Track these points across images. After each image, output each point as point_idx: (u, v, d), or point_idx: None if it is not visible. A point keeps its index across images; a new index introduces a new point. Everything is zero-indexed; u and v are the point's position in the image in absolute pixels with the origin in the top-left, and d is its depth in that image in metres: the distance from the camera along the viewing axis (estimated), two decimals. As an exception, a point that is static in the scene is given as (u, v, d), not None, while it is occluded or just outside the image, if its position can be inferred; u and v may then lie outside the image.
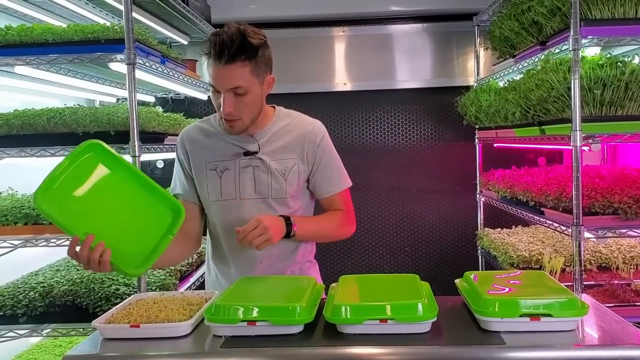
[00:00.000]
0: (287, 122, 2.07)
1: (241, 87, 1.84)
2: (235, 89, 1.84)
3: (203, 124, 2.11)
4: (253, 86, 1.87)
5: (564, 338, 1.44)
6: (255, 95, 1.89)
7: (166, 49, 3.00)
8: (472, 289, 1.63)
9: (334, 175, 2.10)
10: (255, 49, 1.83)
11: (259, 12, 4.36)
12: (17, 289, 2.68)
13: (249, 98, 1.88)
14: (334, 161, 2.10)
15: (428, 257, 4.59)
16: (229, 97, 1.84)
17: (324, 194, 2.10)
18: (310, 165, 2.06)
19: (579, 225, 2.47)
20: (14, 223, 2.60)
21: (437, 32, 4.46)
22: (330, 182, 2.10)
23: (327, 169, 2.08)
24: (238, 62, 1.80)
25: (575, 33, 2.44)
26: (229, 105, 1.85)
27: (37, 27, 2.58)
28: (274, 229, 1.83)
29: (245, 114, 1.90)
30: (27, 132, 2.59)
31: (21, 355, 3.03)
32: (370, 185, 4.52)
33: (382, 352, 1.41)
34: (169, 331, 1.53)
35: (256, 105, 1.94)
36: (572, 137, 2.44)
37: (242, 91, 1.84)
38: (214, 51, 1.79)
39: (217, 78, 1.83)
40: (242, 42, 1.79)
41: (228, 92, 1.84)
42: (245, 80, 1.84)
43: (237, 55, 1.79)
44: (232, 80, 1.82)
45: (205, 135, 2.07)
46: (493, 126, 3.62)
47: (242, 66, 1.81)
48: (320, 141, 2.06)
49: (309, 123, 2.09)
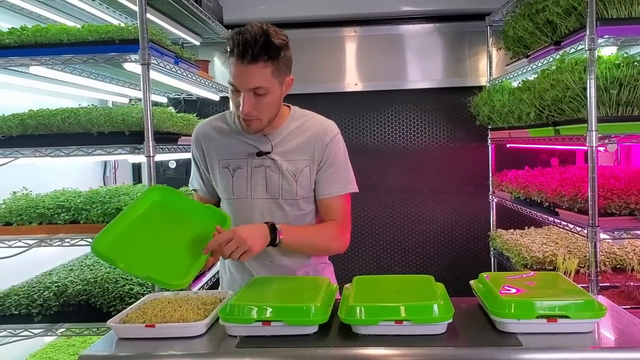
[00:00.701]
0: (300, 122, 2.05)
1: (262, 87, 1.82)
2: (256, 89, 1.82)
3: (217, 121, 2.10)
4: (273, 87, 1.86)
5: (581, 340, 1.43)
6: (274, 96, 1.89)
7: (179, 50, 3.01)
8: (487, 290, 1.62)
9: (335, 178, 2.03)
10: (278, 50, 1.82)
11: (271, 12, 4.36)
12: (31, 289, 2.70)
13: (269, 99, 1.86)
14: (339, 163, 2.04)
15: (440, 258, 4.57)
16: (248, 97, 1.83)
17: (320, 195, 2.03)
18: (318, 165, 2.02)
19: (595, 226, 2.45)
20: (29, 223, 2.62)
21: (449, 32, 4.44)
22: (329, 184, 2.03)
23: (329, 170, 2.02)
24: (260, 63, 1.79)
25: (591, 32, 2.41)
26: (248, 105, 1.83)
27: (52, 28, 2.60)
28: (253, 240, 1.76)
29: (264, 114, 1.90)
30: (42, 132, 2.60)
31: (36, 354, 3.05)
32: (382, 186, 4.51)
33: (397, 353, 1.41)
34: (183, 331, 1.53)
35: (275, 106, 1.94)
36: (588, 137, 2.42)
37: (262, 92, 1.83)
38: (237, 50, 1.77)
39: (238, 77, 1.81)
40: (266, 42, 1.78)
41: (248, 92, 1.82)
42: (267, 80, 1.82)
43: (260, 55, 1.77)
44: (253, 80, 1.81)
45: (219, 132, 2.06)
46: (506, 126, 3.60)
47: (264, 67, 1.80)
48: (330, 141, 2.02)
49: (322, 123, 2.06)
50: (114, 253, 1.67)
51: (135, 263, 1.67)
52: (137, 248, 1.73)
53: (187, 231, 1.85)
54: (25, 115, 2.64)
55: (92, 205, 2.65)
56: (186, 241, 1.81)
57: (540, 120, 2.94)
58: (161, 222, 1.85)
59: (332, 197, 2.03)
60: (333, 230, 2.02)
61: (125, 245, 1.71)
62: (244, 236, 1.74)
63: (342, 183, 2.04)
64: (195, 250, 1.79)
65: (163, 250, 1.77)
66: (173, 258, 1.75)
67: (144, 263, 1.68)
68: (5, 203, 2.73)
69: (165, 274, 1.67)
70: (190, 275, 1.71)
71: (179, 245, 1.80)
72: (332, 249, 2.09)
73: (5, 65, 2.61)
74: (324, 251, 2.11)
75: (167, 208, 1.89)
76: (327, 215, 2.05)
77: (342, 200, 2.05)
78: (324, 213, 2.05)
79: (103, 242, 1.69)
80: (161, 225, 1.84)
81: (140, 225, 1.81)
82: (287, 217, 2.01)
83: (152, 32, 2.67)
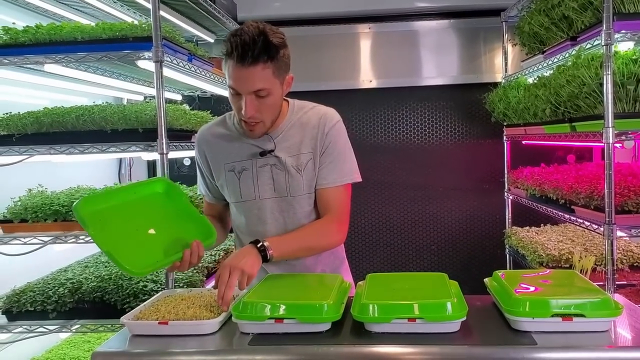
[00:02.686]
0: (300, 115, 2.00)
1: (264, 89, 1.78)
2: (258, 92, 1.78)
3: (218, 126, 2.07)
4: (274, 87, 1.81)
5: (597, 339, 1.41)
6: (276, 96, 1.85)
7: (193, 47, 3.01)
8: (502, 288, 1.60)
9: (334, 167, 1.97)
10: (277, 49, 1.77)
11: (285, 9, 4.36)
12: (47, 285, 2.72)
13: (270, 100, 1.83)
14: (338, 152, 1.98)
15: (455, 255, 4.55)
16: (250, 100, 1.79)
17: (318, 185, 1.97)
18: (319, 155, 1.96)
19: (612, 223, 2.42)
20: (44, 220, 2.63)
21: (464, 28, 4.42)
22: (327, 174, 1.97)
23: (327, 159, 1.97)
24: (261, 64, 1.74)
25: (607, 28, 2.38)
26: (250, 108, 1.79)
27: (67, 26, 2.61)
28: (247, 265, 1.71)
29: (266, 116, 1.86)
30: (57, 130, 2.62)
31: (51, 350, 3.08)
32: (396, 183, 4.49)
33: (410, 351, 1.40)
34: (197, 328, 1.53)
35: (277, 106, 1.90)
36: (605, 134, 2.39)
37: (264, 93, 1.79)
38: (236, 53, 1.72)
39: (238, 80, 1.77)
40: (265, 42, 1.73)
41: (250, 95, 1.78)
42: (268, 82, 1.78)
43: (260, 56, 1.72)
44: (254, 83, 1.76)
45: (220, 137, 2.03)
46: (522, 123, 3.57)
47: (265, 68, 1.75)
48: (330, 129, 1.96)
49: (321, 112, 2.00)
50: (91, 219, 1.66)
51: (104, 236, 1.65)
52: (116, 225, 1.71)
53: (170, 231, 1.81)
54: (40, 113, 2.66)
55: (107, 203, 2.66)
56: (164, 238, 1.78)
57: (556, 117, 2.91)
58: (151, 213, 1.83)
59: (329, 187, 1.97)
60: (326, 228, 1.97)
61: (106, 218, 1.70)
62: (240, 267, 1.69)
63: (340, 173, 1.98)
64: (168, 250, 1.75)
65: (138, 238, 1.74)
66: (144, 248, 1.72)
67: (113, 240, 1.65)
68: (20, 200, 2.75)
69: (126, 258, 1.62)
70: (150, 269, 1.70)
71: (156, 240, 1.76)
72: (329, 245, 2.03)
73: (20, 63, 2.63)
74: (321, 249, 2.03)
75: (164, 203, 1.88)
76: (323, 206, 1.99)
77: (339, 191, 1.98)
78: (321, 205, 2.00)
79: (87, 205, 1.68)
80: (149, 216, 1.82)
81: (131, 207, 1.79)
82: (297, 214, 1.99)
83: (166, 29, 2.67)
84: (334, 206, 1.98)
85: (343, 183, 1.98)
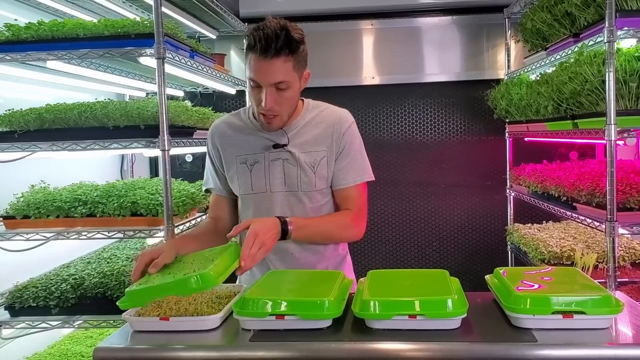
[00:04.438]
0: (315, 113, 2.07)
1: (284, 81, 1.84)
2: (278, 84, 1.84)
3: (232, 117, 2.12)
4: (294, 81, 1.88)
5: (598, 336, 1.41)
6: (294, 90, 1.91)
7: (195, 43, 3.02)
8: (502, 285, 1.60)
9: (351, 167, 2.05)
10: (297, 44, 1.85)
11: (287, 5, 4.35)
12: (49, 281, 2.73)
13: (289, 93, 1.89)
14: (354, 152, 2.06)
15: (457, 252, 4.55)
16: (271, 92, 1.85)
17: (337, 185, 2.05)
18: (335, 155, 2.03)
19: (613, 221, 2.41)
20: (46, 216, 2.64)
21: (467, 24, 4.40)
22: (346, 174, 2.04)
23: (345, 160, 2.04)
24: (282, 57, 1.81)
25: (610, 24, 2.37)
26: (270, 100, 1.85)
27: (69, 22, 2.61)
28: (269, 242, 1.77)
29: (284, 109, 1.92)
30: (59, 127, 2.63)
31: (54, 346, 3.08)
32: (398, 180, 4.49)
33: (411, 348, 1.40)
34: (198, 324, 1.54)
35: (295, 100, 1.96)
36: (607, 131, 2.38)
37: (284, 86, 1.85)
38: (260, 45, 1.78)
39: (260, 73, 1.83)
40: (287, 36, 1.80)
41: (270, 87, 1.84)
42: (288, 75, 1.85)
43: (282, 49, 1.80)
44: (276, 75, 1.83)
45: (234, 129, 2.08)
46: (524, 120, 3.56)
47: (286, 61, 1.82)
48: (346, 130, 2.04)
49: (337, 113, 2.08)
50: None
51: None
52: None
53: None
54: (43, 109, 2.67)
55: (109, 199, 2.67)
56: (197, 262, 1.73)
57: (559, 114, 2.91)
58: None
59: (349, 187, 2.04)
60: (347, 219, 2.03)
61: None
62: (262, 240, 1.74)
63: (359, 172, 2.06)
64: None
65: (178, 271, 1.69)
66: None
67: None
68: (23, 196, 2.76)
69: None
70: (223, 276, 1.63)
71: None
72: (347, 237, 2.10)
73: (22, 60, 2.64)
74: (339, 239, 2.11)
75: None
76: (344, 204, 2.07)
77: (358, 190, 2.06)
78: (341, 202, 2.07)
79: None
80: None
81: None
82: (306, 209, 2.03)
83: (168, 26, 2.67)
84: (354, 203, 2.06)
85: (362, 182, 2.06)
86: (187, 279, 1.57)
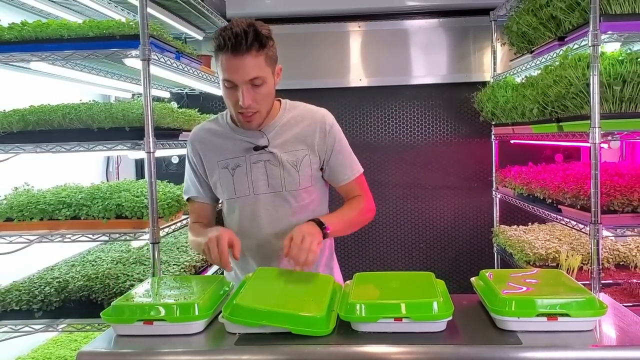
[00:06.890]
0: (294, 113, 2.08)
1: (259, 77, 1.85)
2: (253, 80, 1.85)
3: (211, 123, 2.13)
4: (268, 76, 1.89)
5: (582, 338, 1.42)
6: (269, 85, 1.92)
7: (181, 45, 3.00)
8: (488, 287, 1.61)
9: (347, 162, 2.11)
10: (266, 39, 1.86)
11: (274, 7, 4.34)
12: (33, 284, 2.70)
13: (265, 89, 1.90)
14: (344, 148, 2.11)
15: (443, 254, 4.56)
16: (247, 90, 1.86)
17: (341, 181, 2.11)
18: (322, 154, 2.06)
19: (598, 223, 2.43)
20: (30, 219, 2.61)
21: (453, 27, 4.42)
22: (345, 169, 2.10)
23: (340, 157, 2.09)
24: (253, 52, 1.82)
25: (594, 28, 2.39)
26: (248, 97, 1.86)
27: (53, 23, 2.59)
28: (316, 238, 1.82)
29: (262, 105, 1.93)
30: (43, 128, 2.60)
31: (37, 350, 3.05)
32: (385, 182, 4.50)
33: (396, 351, 1.40)
34: (182, 328, 1.53)
35: (271, 96, 1.97)
36: (591, 134, 2.40)
37: (259, 82, 1.86)
38: (230, 44, 1.79)
39: (234, 71, 1.83)
40: (255, 32, 1.81)
41: (246, 85, 1.85)
42: (262, 69, 1.86)
43: (253, 45, 1.81)
44: (250, 71, 1.83)
45: (214, 134, 2.08)
46: (510, 122, 3.58)
47: (257, 56, 1.83)
48: (331, 129, 2.07)
49: (317, 112, 2.10)
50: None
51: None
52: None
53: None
54: (26, 111, 2.64)
55: (93, 201, 2.65)
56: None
57: (544, 117, 2.92)
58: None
59: (352, 180, 2.12)
60: (362, 203, 2.14)
61: None
62: (306, 231, 1.81)
63: (354, 165, 2.14)
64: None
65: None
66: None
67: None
68: (6, 199, 2.73)
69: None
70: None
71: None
72: (368, 219, 2.17)
73: (5, 61, 2.60)
74: (361, 224, 2.17)
75: None
76: (350, 194, 2.17)
77: (358, 181, 2.15)
78: (346, 194, 2.17)
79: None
80: None
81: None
82: (292, 208, 2.03)
83: (154, 27, 2.66)
84: (361, 190, 2.16)
85: (359, 173, 2.15)
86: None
